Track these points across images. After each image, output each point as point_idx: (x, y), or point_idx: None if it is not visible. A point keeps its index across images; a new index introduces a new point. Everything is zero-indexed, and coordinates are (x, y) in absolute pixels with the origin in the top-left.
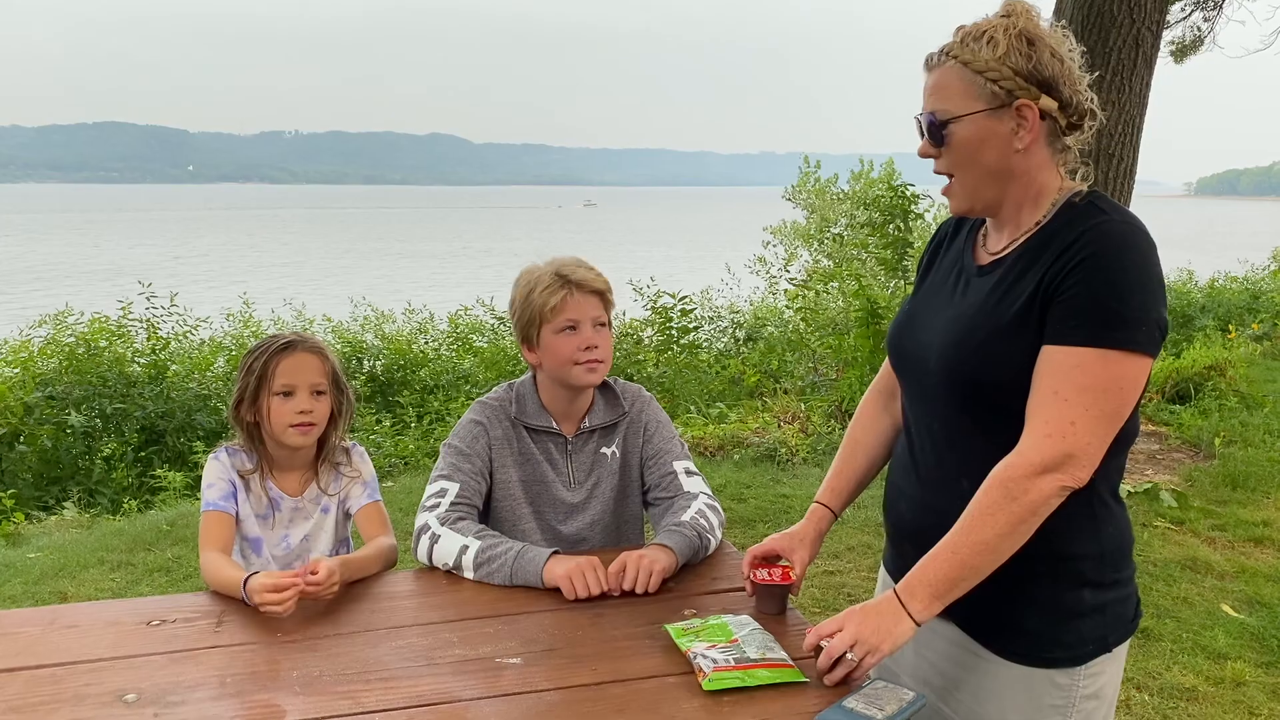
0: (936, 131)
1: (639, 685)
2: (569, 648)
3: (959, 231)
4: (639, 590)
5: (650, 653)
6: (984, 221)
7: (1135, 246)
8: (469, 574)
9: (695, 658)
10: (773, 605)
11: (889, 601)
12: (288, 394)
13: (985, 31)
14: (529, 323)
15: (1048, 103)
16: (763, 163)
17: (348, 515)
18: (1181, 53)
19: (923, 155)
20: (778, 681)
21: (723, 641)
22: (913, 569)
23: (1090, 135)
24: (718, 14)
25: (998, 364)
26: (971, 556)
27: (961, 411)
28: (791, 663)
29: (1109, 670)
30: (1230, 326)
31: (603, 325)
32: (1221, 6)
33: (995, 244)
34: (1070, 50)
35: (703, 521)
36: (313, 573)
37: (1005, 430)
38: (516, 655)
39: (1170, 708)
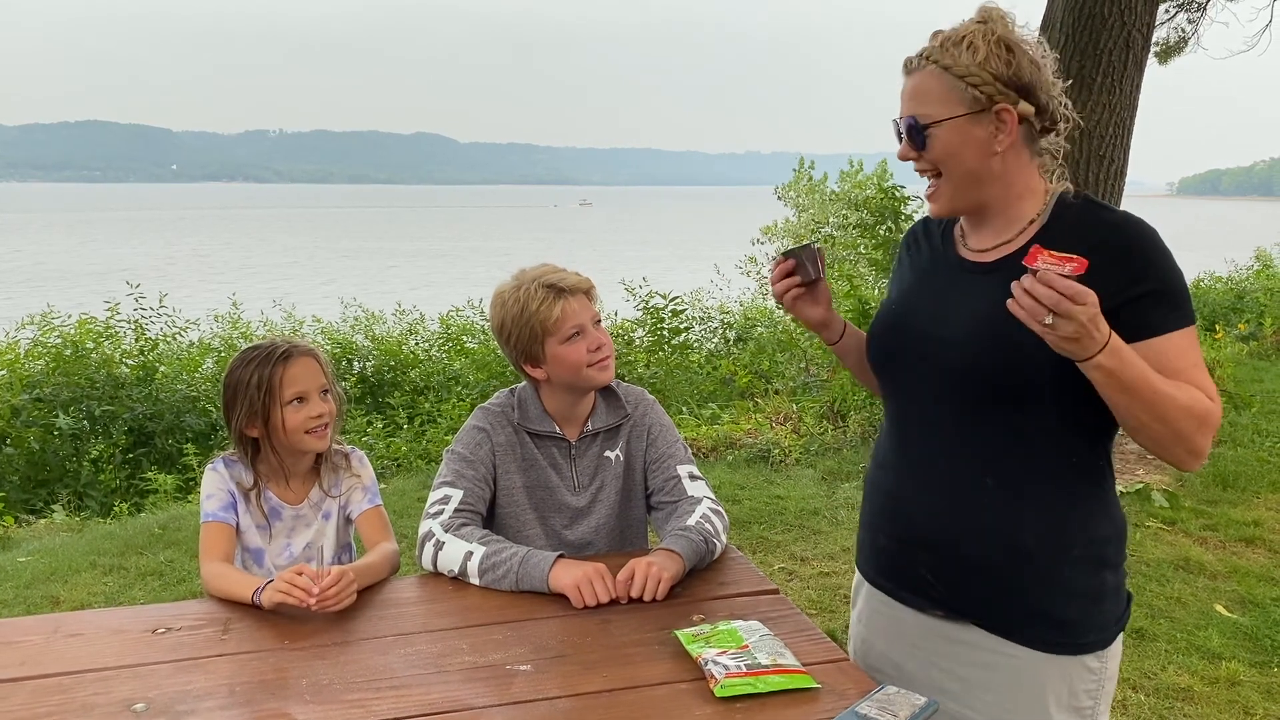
0: (917, 135)
1: (651, 692)
2: (579, 654)
3: (929, 233)
4: (647, 598)
5: (660, 659)
6: (955, 221)
7: (1155, 231)
8: (474, 580)
9: (706, 664)
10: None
11: (1105, 326)
12: (301, 400)
13: (965, 37)
14: (530, 340)
15: (1025, 107)
16: (749, 162)
17: (349, 521)
18: (1166, 54)
19: (903, 158)
20: (789, 687)
21: (733, 648)
22: (1126, 349)
23: (1064, 137)
24: (704, 14)
25: (1026, 354)
26: (1152, 400)
27: (982, 405)
28: (803, 668)
29: (1120, 651)
30: (1217, 326)
31: (598, 322)
32: (1205, 8)
33: (982, 242)
34: (1044, 56)
35: (708, 526)
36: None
37: (1027, 421)
38: (526, 662)
39: (1166, 708)
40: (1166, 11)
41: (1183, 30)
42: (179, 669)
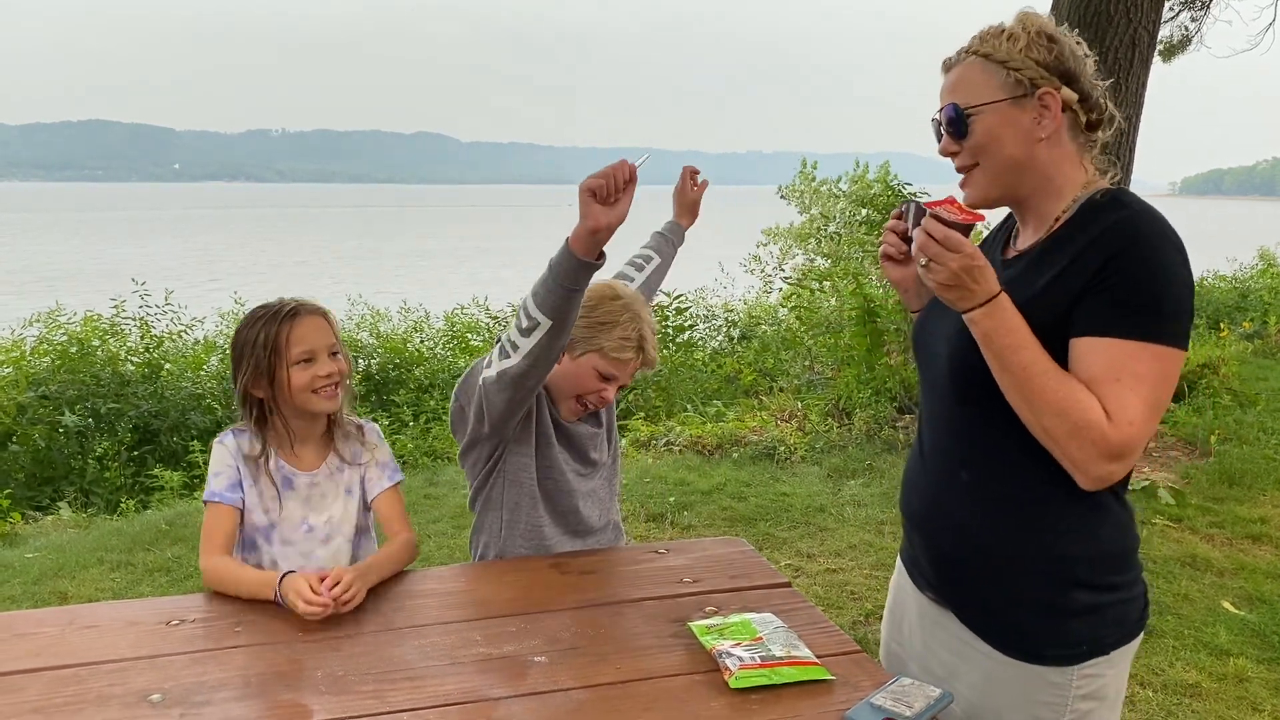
0: (960, 123)
1: (665, 683)
2: (592, 646)
3: (998, 231)
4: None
5: (674, 651)
6: (1016, 221)
7: (1166, 238)
8: (536, 312)
9: (721, 656)
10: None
11: (990, 283)
12: (308, 360)
13: (1004, 30)
14: (582, 339)
15: (1069, 94)
16: (750, 162)
17: (367, 507)
18: (1169, 52)
19: (944, 153)
20: (804, 679)
21: (747, 639)
22: (1012, 315)
23: (1110, 136)
24: (703, 15)
25: None
26: (1021, 378)
27: (965, 400)
28: (817, 660)
29: (1108, 674)
30: (1221, 325)
31: (623, 385)
32: (1209, 6)
33: (1024, 241)
34: (1086, 55)
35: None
36: (335, 584)
37: (1005, 423)
38: (541, 653)
39: (1174, 704)
40: (1170, 9)
41: (1186, 29)
42: (194, 660)
